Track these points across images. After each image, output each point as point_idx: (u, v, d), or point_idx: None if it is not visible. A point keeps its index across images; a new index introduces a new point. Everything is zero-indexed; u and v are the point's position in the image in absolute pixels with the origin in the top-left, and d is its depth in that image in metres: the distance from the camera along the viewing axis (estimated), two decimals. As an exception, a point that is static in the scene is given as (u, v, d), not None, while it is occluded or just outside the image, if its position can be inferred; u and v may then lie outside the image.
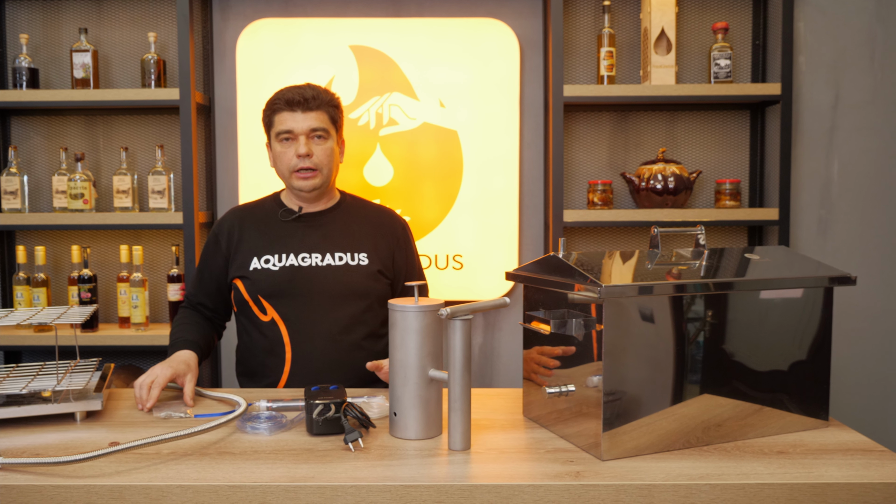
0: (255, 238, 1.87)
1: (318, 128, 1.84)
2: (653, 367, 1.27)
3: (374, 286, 1.86)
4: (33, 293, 2.52)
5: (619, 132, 2.70)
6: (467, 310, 1.27)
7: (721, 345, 1.33)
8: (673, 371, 1.29)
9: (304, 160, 1.82)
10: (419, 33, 2.60)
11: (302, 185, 1.85)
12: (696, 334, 1.31)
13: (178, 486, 1.13)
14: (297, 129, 1.83)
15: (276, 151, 1.87)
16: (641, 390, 1.26)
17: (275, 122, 1.85)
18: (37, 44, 2.66)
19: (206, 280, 1.91)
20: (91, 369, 1.62)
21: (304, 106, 1.83)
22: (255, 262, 1.83)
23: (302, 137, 1.83)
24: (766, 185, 2.66)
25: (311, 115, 1.83)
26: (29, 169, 2.67)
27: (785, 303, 1.38)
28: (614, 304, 1.23)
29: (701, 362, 1.31)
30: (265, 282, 1.80)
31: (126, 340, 2.48)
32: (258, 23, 2.61)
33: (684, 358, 1.30)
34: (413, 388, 1.33)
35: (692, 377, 1.31)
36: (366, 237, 1.90)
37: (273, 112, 1.86)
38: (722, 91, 2.48)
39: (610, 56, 2.55)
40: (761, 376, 1.36)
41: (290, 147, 1.84)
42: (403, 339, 1.34)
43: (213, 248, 1.90)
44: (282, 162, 1.85)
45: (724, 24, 2.54)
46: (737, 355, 1.34)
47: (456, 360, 1.26)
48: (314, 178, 1.84)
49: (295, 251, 1.84)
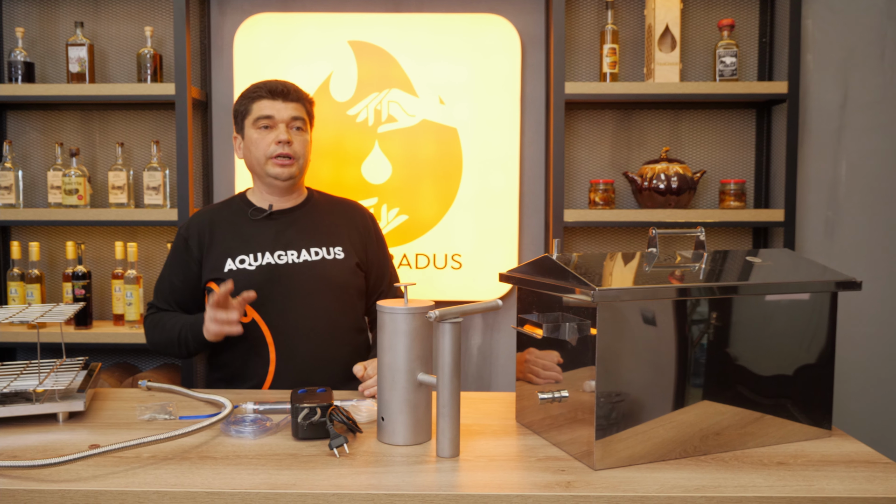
0: (226, 239, 1.83)
1: (298, 117, 1.85)
2: (649, 372, 1.23)
3: (352, 279, 1.86)
4: (27, 289, 2.49)
5: (621, 130, 2.65)
6: (457, 312, 1.23)
7: (720, 350, 1.28)
8: (670, 377, 1.25)
9: (283, 146, 1.82)
10: (419, 29, 2.56)
11: (279, 172, 1.82)
12: (695, 339, 1.26)
13: (156, 493, 1.09)
14: (279, 116, 1.83)
15: (251, 139, 1.85)
16: (637, 397, 1.22)
17: (252, 110, 1.85)
18: (33, 37, 2.63)
19: (176, 287, 1.85)
20: (76, 368, 1.59)
21: (285, 96, 1.84)
22: (229, 263, 1.80)
23: (282, 125, 1.83)
24: (771, 185, 2.61)
25: (291, 105, 1.85)
26: (25, 164, 2.65)
27: (787, 308, 1.33)
28: (608, 307, 1.19)
29: (699, 368, 1.27)
30: (243, 282, 1.76)
31: (120, 338, 2.45)
32: (256, 17, 2.57)
33: (682, 364, 1.26)
34: (401, 392, 1.29)
35: (690, 383, 1.26)
36: (338, 230, 1.89)
37: (251, 100, 1.85)
38: (727, 89, 2.43)
39: (613, 53, 2.50)
40: (762, 383, 1.32)
41: (269, 134, 1.83)
42: (392, 342, 1.30)
43: (183, 253, 1.85)
44: (258, 149, 1.83)
45: (730, 21, 2.49)
46: (737, 361, 1.30)
47: (445, 364, 1.22)
48: (292, 165, 1.83)
49: (270, 249, 1.81)
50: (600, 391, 1.19)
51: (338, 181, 2.56)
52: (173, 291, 1.86)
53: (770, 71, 2.59)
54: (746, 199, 2.57)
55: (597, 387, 1.19)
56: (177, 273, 1.86)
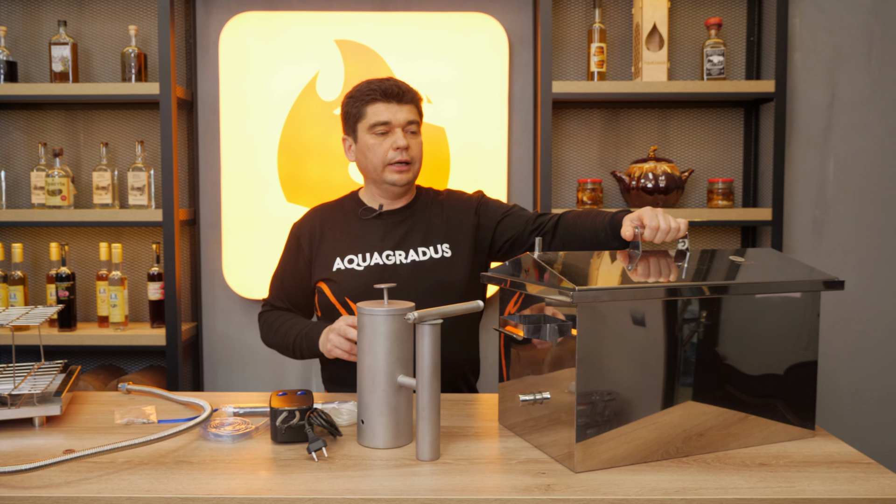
0: (336, 238, 1.81)
1: (413, 120, 1.79)
2: (632, 373, 1.22)
3: (461, 278, 1.79)
4: (10, 291, 2.47)
5: (609, 130, 2.64)
6: (436, 314, 1.22)
7: (704, 350, 1.27)
8: (653, 378, 1.24)
9: (401, 153, 1.76)
10: (406, 28, 2.54)
11: (397, 178, 1.78)
12: (678, 340, 1.25)
13: (129, 499, 1.07)
14: (395, 120, 1.76)
15: (366, 144, 1.78)
16: (619, 399, 1.21)
17: (367, 114, 1.77)
18: (16, 36, 2.61)
19: (287, 285, 1.84)
20: (55, 371, 1.57)
21: (399, 98, 1.77)
22: (338, 262, 1.78)
23: (398, 130, 1.77)
24: (759, 184, 2.60)
25: (405, 108, 1.78)
26: (8, 164, 2.62)
27: (771, 307, 1.32)
28: (589, 308, 1.18)
29: (683, 369, 1.26)
30: (351, 283, 1.74)
31: (105, 340, 2.43)
32: (242, 16, 2.55)
33: (666, 364, 1.24)
34: (381, 394, 1.28)
35: (674, 384, 1.25)
36: (446, 227, 1.84)
37: (365, 103, 1.77)
38: (715, 88, 2.42)
39: (600, 52, 2.49)
40: (745, 383, 1.31)
41: (386, 140, 1.77)
42: (371, 344, 1.28)
43: (295, 251, 1.84)
44: (375, 154, 1.77)
45: (718, 20, 2.48)
46: (721, 361, 1.29)
47: (424, 367, 1.21)
48: (409, 171, 1.79)
49: (379, 249, 1.79)
50: (581, 392, 1.18)
51: (325, 181, 2.54)
52: (286, 290, 1.85)
53: (758, 70, 2.58)
54: (734, 199, 2.56)
55: (577, 388, 1.18)
56: (289, 271, 1.84)
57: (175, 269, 2.41)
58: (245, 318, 2.64)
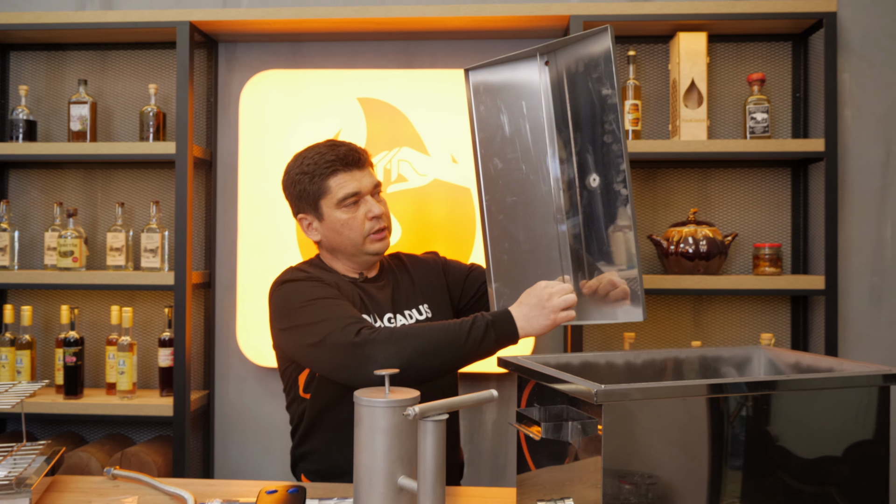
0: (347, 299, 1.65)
1: (377, 183, 1.68)
2: (666, 481, 1.05)
3: None
4: (17, 356, 2.38)
5: (646, 191, 2.49)
6: (441, 407, 1.07)
7: (753, 456, 1.09)
8: (693, 487, 1.06)
9: (378, 221, 1.64)
10: (430, 85, 2.45)
11: (379, 247, 1.66)
12: (723, 444, 1.07)
13: None
14: (363, 188, 1.64)
15: (338, 220, 1.63)
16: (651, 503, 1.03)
17: (331, 188, 1.62)
18: (39, 95, 2.58)
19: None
20: (34, 454, 1.45)
21: (359, 164, 1.65)
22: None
23: (368, 197, 1.65)
24: (810, 249, 2.41)
25: (366, 172, 1.66)
26: (25, 223, 2.57)
27: (827, 406, 1.14)
28: (616, 408, 1.01)
29: (727, 471, 1.08)
30: None
31: (111, 409, 2.31)
32: (264, 74, 2.49)
33: (709, 467, 1.07)
34: (379, 497, 1.12)
35: (716, 494, 1.07)
36: (421, 288, 1.75)
37: (325, 177, 1.62)
38: (759, 147, 2.26)
39: (635, 109, 2.36)
40: (801, 494, 1.12)
41: (358, 210, 1.64)
42: (369, 440, 1.13)
43: (334, 288, 1.60)
44: (352, 229, 1.63)
45: (761, 76, 2.33)
46: (770, 467, 1.10)
47: (427, 470, 1.05)
48: (388, 237, 1.69)
49: (378, 313, 1.66)
50: (607, 496, 1.01)
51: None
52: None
53: (805, 127, 2.42)
54: (783, 265, 2.37)
55: (603, 492, 1.01)
56: (340, 297, 1.59)
57: (185, 334, 2.29)
58: (259, 386, 2.51)
